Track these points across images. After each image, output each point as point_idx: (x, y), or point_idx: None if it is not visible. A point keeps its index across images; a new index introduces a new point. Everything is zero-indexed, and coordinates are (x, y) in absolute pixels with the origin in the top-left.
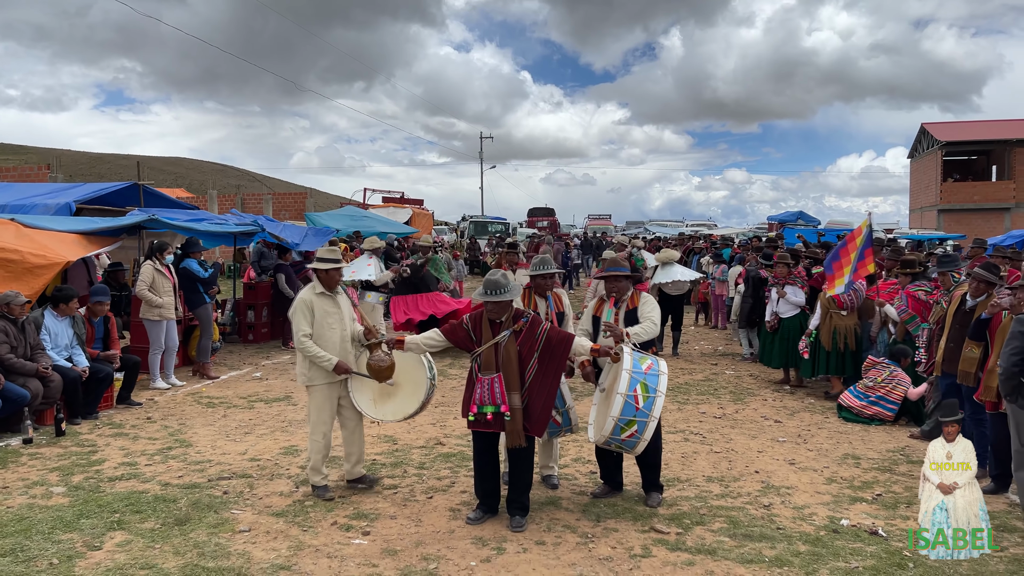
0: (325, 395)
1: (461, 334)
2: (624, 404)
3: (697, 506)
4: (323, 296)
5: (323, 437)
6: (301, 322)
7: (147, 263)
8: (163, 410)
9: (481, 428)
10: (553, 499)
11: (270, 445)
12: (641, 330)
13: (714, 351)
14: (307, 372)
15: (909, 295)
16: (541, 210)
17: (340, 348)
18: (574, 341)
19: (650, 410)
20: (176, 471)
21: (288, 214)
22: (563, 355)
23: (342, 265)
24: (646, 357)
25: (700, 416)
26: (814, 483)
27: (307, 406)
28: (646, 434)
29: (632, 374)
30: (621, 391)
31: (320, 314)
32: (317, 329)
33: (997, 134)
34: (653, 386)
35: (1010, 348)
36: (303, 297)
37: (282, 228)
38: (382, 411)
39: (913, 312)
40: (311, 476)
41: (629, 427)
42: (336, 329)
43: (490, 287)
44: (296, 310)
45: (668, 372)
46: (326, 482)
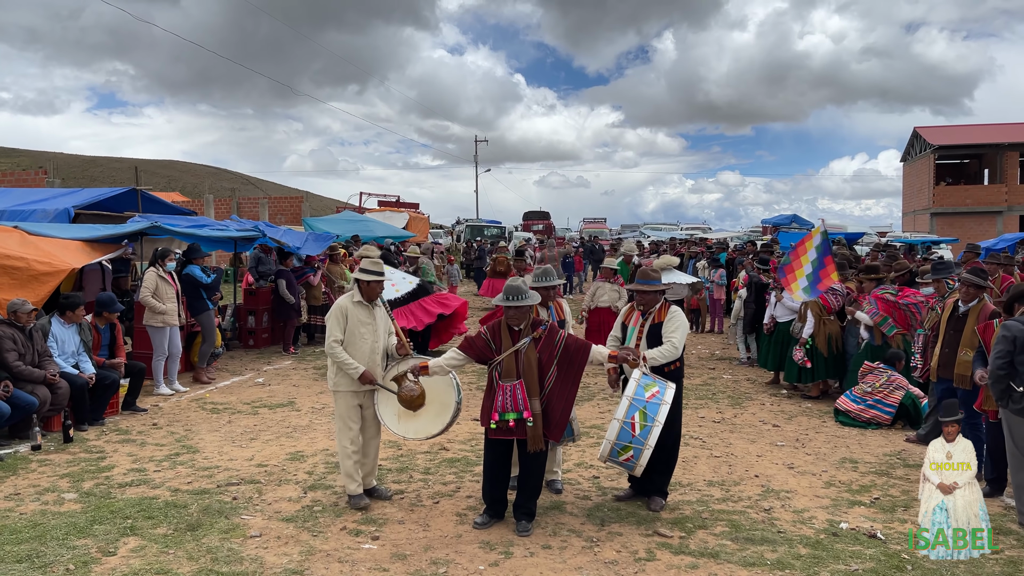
0: (349, 402)
1: (480, 344)
2: (620, 430)
3: (699, 510)
4: (360, 305)
5: (351, 443)
6: (334, 328)
7: (150, 270)
8: (168, 416)
9: (503, 435)
10: (558, 504)
11: (276, 451)
12: (659, 354)
13: (711, 355)
14: (334, 377)
15: (877, 298)
16: (536, 214)
17: (369, 359)
18: (592, 349)
19: (646, 438)
20: (185, 477)
21: (284, 218)
22: (581, 362)
23: (384, 278)
24: (653, 384)
25: (699, 420)
26: (813, 487)
27: (312, 410)
28: (642, 460)
29: (633, 401)
30: (619, 417)
31: (353, 323)
32: (348, 337)
33: (989, 138)
34: (652, 415)
35: (996, 352)
36: (340, 303)
37: (282, 233)
38: (405, 428)
39: (884, 313)
40: (346, 484)
41: (625, 452)
42: (368, 340)
43: (512, 293)
44: (331, 315)
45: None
46: (361, 489)
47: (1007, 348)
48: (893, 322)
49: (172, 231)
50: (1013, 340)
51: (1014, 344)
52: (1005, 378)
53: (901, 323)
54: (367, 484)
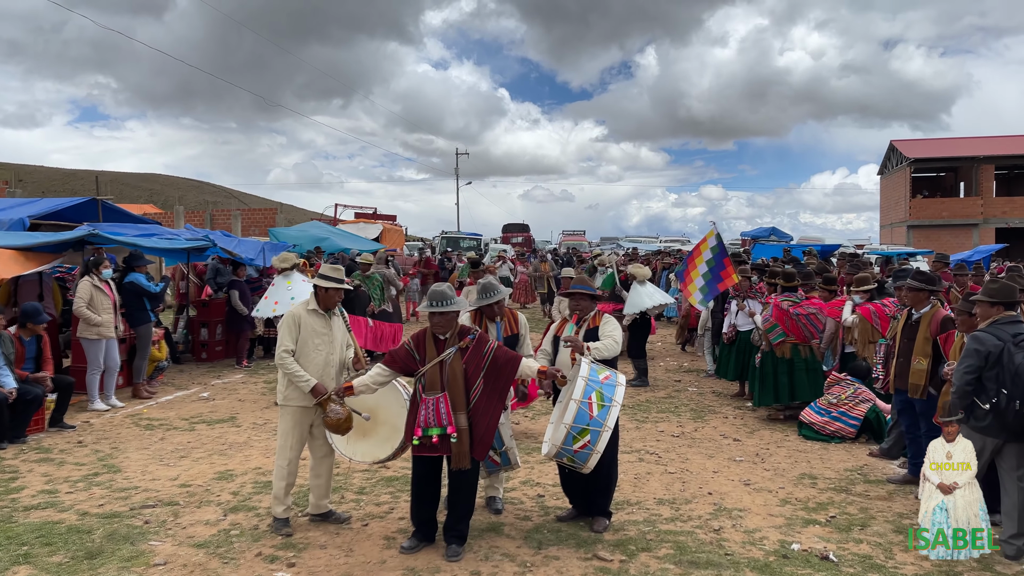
0: (297, 418)
1: (403, 355)
2: (578, 411)
3: (645, 531)
4: (315, 314)
5: (288, 463)
6: (285, 337)
7: (84, 279)
8: (97, 433)
9: (426, 452)
10: (495, 525)
11: (205, 469)
12: (602, 346)
13: (679, 367)
14: (284, 390)
15: (775, 304)
16: (516, 226)
17: (322, 372)
18: (521, 362)
19: (604, 419)
20: (98, 499)
21: (258, 230)
22: (509, 376)
23: (344, 286)
24: (604, 368)
25: (658, 435)
26: (768, 505)
27: (253, 427)
28: (599, 445)
29: (588, 381)
30: (576, 397)
31: (307, 332)
32: (300, 347)
33: (964, 151)
34: (609, 396)
35: (964, 366)
36: (293, 311)
37: (236, 243)
38: (353, 448)
39: (775, 320)
40: (272, 505)
41: (582, 436)
42: (322, 351)
43: (435, 298)
44: (282, 324)
45: (628, 388)
46: (288, 515)
47: (977, 363)
48: (783, 329)
49: (115, 239)
50: (986, 355)
51: (985, 359)
52: (971, 394)
53: (794, 332)
54: (322, 508)
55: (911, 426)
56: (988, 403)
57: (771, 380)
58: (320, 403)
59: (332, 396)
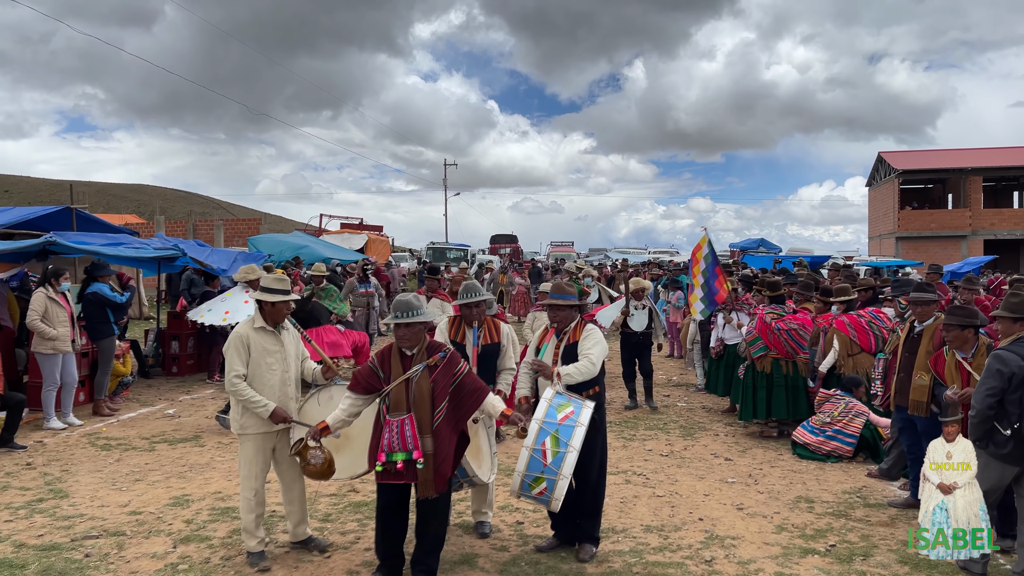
0: (258, 446)
1: (366, 373)
2: (530, 459)
3: (631, 562)
4: (263, 332)
5: (255, 494)
6: (234, 360)
7: (39, 291)
8: (49, 454)
9: (391, 480)
10: (468, 557)
11: (160, 495)
12: (574, 370)
13: (668, 381)
14: (239, 418)
15: (760, 317)
16: (503, 237)
17: (280, 392)
18: (488, 397)
19: (559, 467)
20: (38, 528)
21: (240, 240)
22: (470, 408)
23: (292, 297)
24: (568, 403)
25: (646, 454)
26: (763, 532)
27: (218, 446)
28: (557, 492)
29: (543, 425)
30: (527, 444)
31: (258, 352)
32: (253, 369)
33: (953, 163)
34: (566, 440)
35: (985, 388)
36: (238, 332)
37: (209, 253)
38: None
39: (757, 333)
40: (244, 539)
41: (537, 484)
42: (276, 371)
43: (400, 309)
44: (229, 347)
45: (592, 420)
46: (262, 547)
47: (999, 385)
48: (764, 343)
49: (77, 248)
50: (1009, 377)
51: (1009, 381)
52: (991, 419)
53: (776, 347)
54: (300, 535)
55: (912, 446)
56: (1010, 428)
57: (750, 394)
58: (299, 452)
59: (308, 441)
